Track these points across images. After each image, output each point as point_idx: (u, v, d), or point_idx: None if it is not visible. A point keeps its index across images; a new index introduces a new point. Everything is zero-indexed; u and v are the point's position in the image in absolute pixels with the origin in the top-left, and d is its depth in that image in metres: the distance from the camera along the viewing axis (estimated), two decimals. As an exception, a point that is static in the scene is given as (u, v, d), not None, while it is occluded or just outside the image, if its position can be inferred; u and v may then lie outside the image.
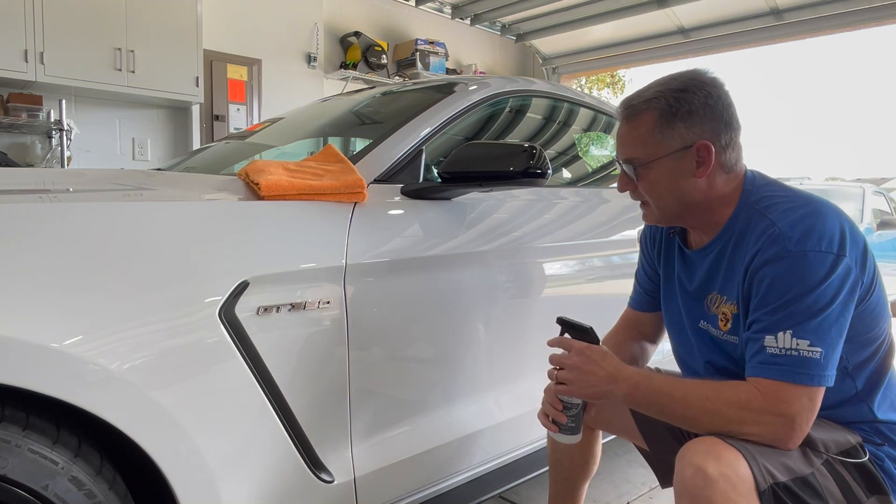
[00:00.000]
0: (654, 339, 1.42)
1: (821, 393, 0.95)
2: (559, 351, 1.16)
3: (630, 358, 1.37)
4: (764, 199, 1.07)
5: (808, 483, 0.95)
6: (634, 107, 1.10)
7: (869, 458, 1.02)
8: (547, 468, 1.70)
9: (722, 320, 1.11)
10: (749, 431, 0.96)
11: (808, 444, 0.99)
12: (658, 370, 1.41)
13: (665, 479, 1.32)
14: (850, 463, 1.01)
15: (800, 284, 0.95)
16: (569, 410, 1.16)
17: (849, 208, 5.34)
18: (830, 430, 1.03)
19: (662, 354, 2.10)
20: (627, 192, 1.17)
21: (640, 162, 1.10)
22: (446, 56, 5.68)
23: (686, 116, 1.06)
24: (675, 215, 1.14)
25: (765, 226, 1.02)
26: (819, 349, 0.94)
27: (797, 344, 0.94)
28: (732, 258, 1.08)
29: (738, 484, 0.90)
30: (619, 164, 1.15)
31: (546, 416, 1.19)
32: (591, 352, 1.11)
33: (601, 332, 1.46)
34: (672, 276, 1.26)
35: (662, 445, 1.27)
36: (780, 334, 0.96)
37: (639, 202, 1.18)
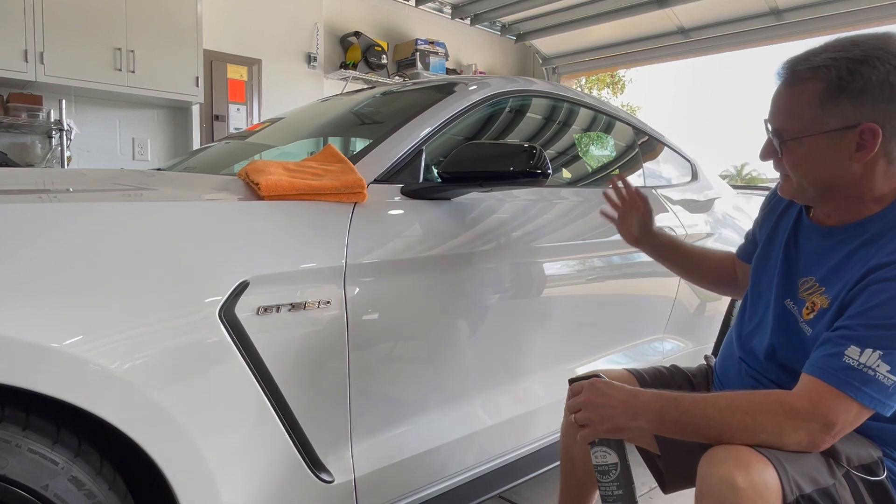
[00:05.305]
0: (736, 287, 1.38)
1: (867, 415, 0.92)
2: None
3: (709, 266, 1.43)
4: None
5: (830, 494, 0.93)
6: (798, 73, 0.98)
7: (886, 476, 1.00)
8: (547, 468, 1.70)
9: (808, 308, 1.04)
10: (788, 441, 0.92)
11: (832, 455, 0.96)
12: (675, 367, 1.38)
13: (670, 484, 1.26)
14: (866, 479, 0.99)
15: None
16: (605, 476, 1.06)
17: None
18: (854, 443, 1.00)
19: (663, 355, 2.11)
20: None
21: (789, 135, 0.99)
22: (446, 56, 5.68)
23: (857, 93, 0.93)
24: (816, 197, 1.04)
25: None
26: (895, 378, 0.90)
27: (878, 365, 0.89)
28: (853, 255, 1.00)
29: (766, 494, 0.88)
30: (767, 127, 1.04)
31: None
32: (597, 383, 1.06)
33: (599, 330, 1.48)
34: (779, 238, 1.17)
35: (678, 450, 1.22)
36: (869, 351, 0.90)
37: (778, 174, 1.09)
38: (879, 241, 0.97)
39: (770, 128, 1.03)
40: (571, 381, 1.15)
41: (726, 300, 2.39)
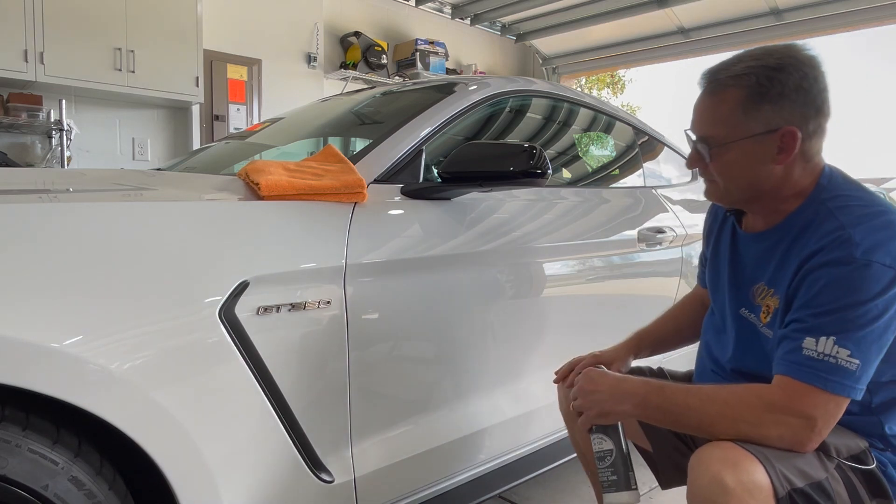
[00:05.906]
0: None
1: (846, 403, 0.94)
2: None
3: (689, 325, 1.41)
4: (838, 199, 1.01)
5: (823, 488, 0.94)
6: (720, 81, 1.03)
7: (876, 466, 1.01)
8: (547, 468, 1.71)
9: (764, 312, 1.08)
10: (768, 434, 0.93)
11: (822, 449, 0.97)
12: (661, 370, 1.41)
13: (666, 480, 1.31)
14: (858, 468, 1.00)
15: (855, 293, 0.92)
16: (601, 462, 1.10)
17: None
18: (841, 435, 1.01)
19: (662, 354, 2.10)
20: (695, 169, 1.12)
21: (716, 142, 1.04)
22: (446, 56, 5.68)
23: (776, 98, 0.99)
24: (743, 199, 1.10)
25: (833, 227, 0.98)
26: (857, 361, 0.92)
27: (837, 352, 0.92)
28: (788, 252, 1.04)
29: (756, 492, 0.88)
30: (689, 137, 1.09)
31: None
32: (590, 372, 1.14)
33: (599, 330, 1.48)
34: (721, 254, 1.22)
35: (666, 446, 1.26)
36: (823, 339, 0.93)
37: (703, 179, 1.13)
38: (807, 231, 1.02)
39: (694, 136, 1.08)
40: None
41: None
